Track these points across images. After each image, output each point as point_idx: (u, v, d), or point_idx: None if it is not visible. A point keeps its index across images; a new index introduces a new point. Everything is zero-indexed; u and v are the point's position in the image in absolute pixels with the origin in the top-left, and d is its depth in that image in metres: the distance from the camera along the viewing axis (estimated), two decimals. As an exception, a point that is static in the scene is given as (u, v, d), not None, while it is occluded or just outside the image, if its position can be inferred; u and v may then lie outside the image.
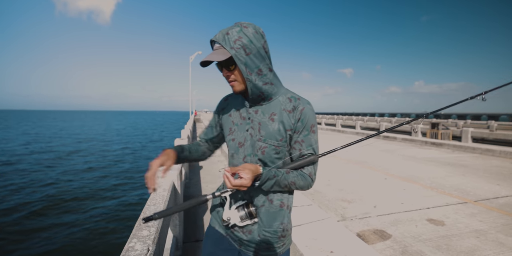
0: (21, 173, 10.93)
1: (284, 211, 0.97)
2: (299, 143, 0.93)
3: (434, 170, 5.90)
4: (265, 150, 0.92)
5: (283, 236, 0.97)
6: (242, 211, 0.92)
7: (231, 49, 0.82)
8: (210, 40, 0.89)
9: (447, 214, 3.28)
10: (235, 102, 1.02)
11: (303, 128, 0.92)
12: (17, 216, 6.49)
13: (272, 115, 0.92)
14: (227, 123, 1.02)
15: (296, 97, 0.94)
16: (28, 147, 18.81)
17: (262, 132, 0.92)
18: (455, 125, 22.76)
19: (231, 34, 0.83)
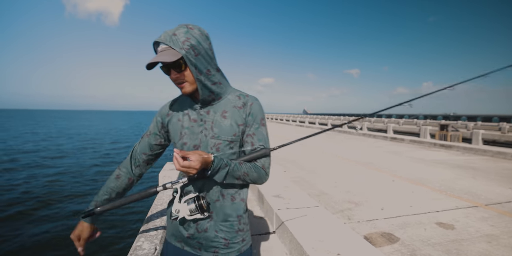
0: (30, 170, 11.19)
1: (239, 204, 0.97)
2: (250, 136, 0.96)
3: (443, 172, 5.78)
4: (219, 146, 0.93)
5: (241, 230, 0.97)
6: (192, 204, 0.89)
7: (181, 50, 0.82)
8: (153, 42, 0.87)
9: (457, 218, 3.21)
10: (182, 106, 1.00)
11: (254, 121, 0.95)
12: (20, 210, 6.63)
13: (223, 112, 0.94)
14: (175, 127, 0.98)
15: (244, 94, 0.98)
16: (39, 145, 19.24)
17: (215, 129, 0.93)
18: (465, 127, 22.31)
19: (178, 35, 0.83)
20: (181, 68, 0.86)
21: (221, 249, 0.94)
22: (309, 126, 23.03)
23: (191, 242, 0.96)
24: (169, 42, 0.83)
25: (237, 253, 0.95)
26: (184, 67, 0.86)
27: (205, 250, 0.95)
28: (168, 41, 0.83)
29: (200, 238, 0.94)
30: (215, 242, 0.94)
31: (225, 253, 0.94)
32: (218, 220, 0.94)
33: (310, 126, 22.56)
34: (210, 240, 0.93)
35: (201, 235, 0.94)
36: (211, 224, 0.94)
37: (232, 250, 0.95)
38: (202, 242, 0.94)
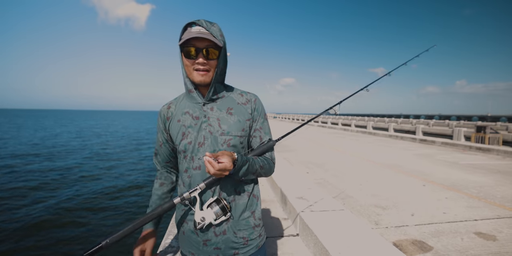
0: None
1: (252, 200, 0.99)
2: (258, 131, 0.99)
3: (482, 178, 5.33)
4: (230, 142, 0.93)
5: (257, 226, 0.98)
6: (215, 207, 0.87)
7: (220, 41, 0.87)
8: (187, 23, 0.87)
9: (499, 228, 2.93)
10: (182, 106, 0.98)
11: (259, 116, 1.00)
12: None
13: (229, 109, 0.96)
14: (177, 129, 0.96)
15: (246, 92, 1.03)
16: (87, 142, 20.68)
17: (224, 126, 0.93)
18: (506, 128, 20.47)
19: (216, 28, 0.88)
20: (213, 56, 0.87)
21: (241, 249, 0.93)
22: (331, 126, 22.48)
23: (207, 250, 0.91)
24: (210, 29, 0.86)
25: (255, 249, 0.96)
26: (214, 56, 0.88)
27: (224, 255, 0.91)
28: (208, 28, 0.86)
29: (218, 243, 0.90)
30: (235, 243, 0.92)
31: (245, 252, 0.93)
32: (236, 218, 0.93)
33: (333, 127, 22.00)
34: (230, 242, 0.91)
35: (219, 239, 0.90)
36: (229, 226, 0.91)
37: (251, 247, 0.95)
38: (220, 247, 0.90)
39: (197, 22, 0.85)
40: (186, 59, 0.88)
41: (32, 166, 11.81)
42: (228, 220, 0.91)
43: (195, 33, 0.83)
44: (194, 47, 0.85)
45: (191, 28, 0.86)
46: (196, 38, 0.83)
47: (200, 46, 0.85)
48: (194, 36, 0.82)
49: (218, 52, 0.88)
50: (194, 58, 0.86)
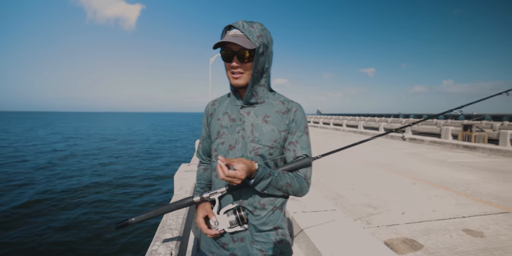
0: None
1: (278, 215, 0.92)
2: (293, 144, 0.92)
3: (469, 175, 5.47)
4: (258, 151, 0.89)
5: (278, 242, 0.90)
6: (232, 216, 0.85)
7: (255, 42, 0.83)
8: (227, 26, 0.87)
9: (487, 225, 3.00)
10: (223, 105, 1.00)
11: (297, 129, 0.92)
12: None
13: (265, 117, 0.92)
14: (215, 127, 0.97)
15: (288, 100, 0.96)
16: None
17: (256, 133, 0.89)
18: (491, 127, 21.11)
19: (255, 28, 0.85)
20: (245, 59, 0.85)
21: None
22: (323, 126, 22.67)
23: (225, 253, 0.91)
24: (246, 31, 0.83)
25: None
26: (248, 60, 0.85)
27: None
28: (244, 30, 0.83)
29: (235, 249, 0.89)
30: (251, 253, 0.88)
31: None
32: (254, 230, 0.89)
33: (324, 127, 22.18)
34: (247, 251, 0.89)
35: (236, 245, 0.89)
36: (247, 234, 0.89)
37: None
38: (237, 253, 0.89)
39: (235, 24, 0.85)
40: (225, 62, 0.89)
41: None
42: (246, 229, 0.89)
43: (229, 37, 0.84)
44: (229, 50, 0.85)
45: (229, 31, 0.86)
46: (229, 41, 0.83)
47: (234, 49, 0.85)
48: (224, 40, 0.83)
49: (253, 54, 0.85)
50: (229, 61, 0.87)
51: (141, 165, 13.44)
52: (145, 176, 11.14)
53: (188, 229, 1.70)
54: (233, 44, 0.83)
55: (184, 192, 2.07)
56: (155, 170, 12.43)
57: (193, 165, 2.55)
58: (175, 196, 2.05)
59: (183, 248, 1.41)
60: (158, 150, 19.74)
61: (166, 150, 19.98)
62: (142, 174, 11.48)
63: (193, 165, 2.54)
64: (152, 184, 9.96)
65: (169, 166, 13.27)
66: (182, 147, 22.21)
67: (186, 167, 2.46)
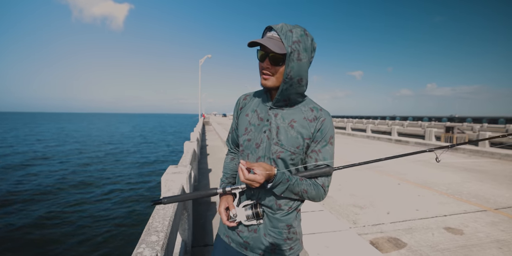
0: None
1: (292, 215, 0.97)
2: (316, 153, 0.92)
3: (450, 175, 5.68)
4: (280, 154, 0.91)
5: (289, 239, 0.96)
6: (249, 210, 0.92)
7: (288, 47, 0.82)
8: (267, 26, 0.88)
9: (466, 223, 3.13)
10: (254, 102, 1.02)
11: (322, 138, 0.92)
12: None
13: (292, 121, 0.92)
14: (243, 122, 1.01)
15: (318, 108, 0.95)
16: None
17: (280, 136, 0.91)
18: (471, 129, 22.01)
19: (294, 33, 0.83)
20: (278, 62, 0.85)
21: (267, 253, 0.95)
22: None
23: (238, 240, 0.98)
24: (282, 35, 0.83)
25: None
26: (280, 63, 0.85)
27: (251, 251, 0.96)
28: (282, 33, 0.83)
29: (248, 238, 0.96)
30: (263, 245, 0.95)
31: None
32: (268, 225, 0.95)
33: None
34: (258, 242, 0.95)
35: (250, 234, 0.96)
36: (261, 227, 0.96)
37: (278, 255, 0.95)
38: (249, 242, 0.96)
39: (275, 27, 0.85)
40: (259, 62, 0.90)
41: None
42: (261, 224, 0.96)
43: (264, 39, 0.85)
44: (263, 51, 0.87)
45: (269, 32, 0.87)
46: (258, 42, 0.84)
47: (267, 51, 0.85)
48: (255, 41, 0.83)
49: (283, 58, 0.84)
50: (261, 62, 0.89)
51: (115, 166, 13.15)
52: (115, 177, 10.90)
53: (175, 231, 1.68)
54: (263, 45, 0.84)
55: (171, 194, 2.05)
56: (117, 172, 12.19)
57: (180, 167, 2.53)
58: (162, 198, 2.02)
59: (170, 250, 1.40)
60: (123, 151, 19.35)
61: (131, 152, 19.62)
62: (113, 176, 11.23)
63: (181, 167, 2.52)
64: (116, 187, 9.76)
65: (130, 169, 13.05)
66: (150, 150, 21.81)
67: (173, 169, 2.43)
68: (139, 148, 21.24)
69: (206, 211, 3.43)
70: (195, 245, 2.53)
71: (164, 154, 18.79)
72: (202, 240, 2.65)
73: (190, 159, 3.63)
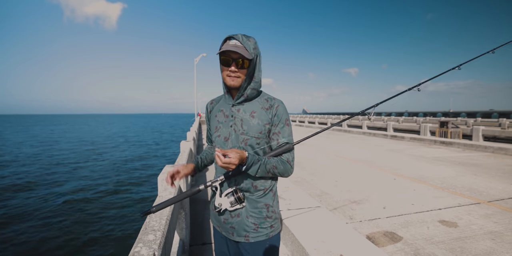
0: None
1: (268, 195, 1.10)
2: (276, 134, 1.09)
3: (445, 169, 5.76)
4: (247, 141, 1.07)
5: (269, 217, 1.09)
6: (231, 197, 1.04)
7: (252, 53, 1.02)
8: (228, 36, 1.03)
9: (460, 215, 3.18)
10: (219, 104, 1.18)
11: (279, 121, 1.09)
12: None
13: (252, 113, 1.08)
14: (213, 122, 1.17)
15: (271, 97, 1.13)
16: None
17: (245, 127, 1.07)
18: (465, 123, 22.27)
19: (251, 42, 1.03)
20: (243, 66, 1.02)
21: (251, 233, 1.06)
22: (308, 125, 23.01)
23: (226, 227, 1.10)
24: (244, 43, 1.01)
25: (265, 237, 1.07)
26: (244, 67, 1.03)
27: (238, 235, 1.07)
28: (244, 42, 1.02)
29: (233, 223, 1.07)
30: (246, 227, 1.06)
31: (254, 237, 1.06)
32: (249, 207, 1.07)
33: (310, 126, 22.53)
34: (242, 224, 1.06)
35: (234, 220, 1.07)
36: (243, 210, 1.07)
37: (261, 234, 1.06)
38: (235, 226, 1.07)
39: (235, 36, 1.02)
40: (223, 66, 1.05)
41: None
42: (244, 207, 1.07)
43: (231, 46, 1.00)
44: (229, 57, 1.02)
45: (229, 41, 1.02)
46: (231, 50, 0.99)
47: (233, 57, 1.01)
48: (229, 49, 0.98)
49: (249, 62, 1.03)
50: (228, 66, 1.03)
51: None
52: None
53: (172, 230, 1.69)
54: (233, 52, 0.99)
55: (168, 193, 2.05)
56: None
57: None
58: (158, 198, 2.02)
59: (167, 249, 1.40)
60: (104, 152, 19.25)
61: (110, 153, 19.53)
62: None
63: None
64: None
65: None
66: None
67: (169, 168, 2.43)
68: (133, 148, 21.11)
69: (203, 209, 3.44)
70: (193, 244, 2.54)
71: (160, 153, 18.71)
72: (200, 238, 2.66)
73: (187, 158, 3.63)
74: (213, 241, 1.23)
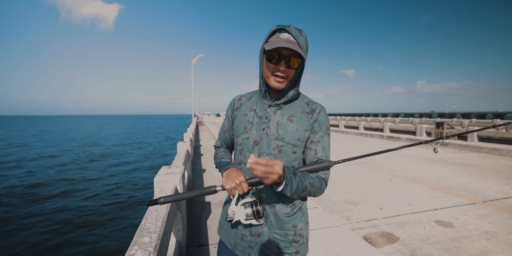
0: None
1: (297, 214, 0.95)
2: (315, 143, 0.94)
3: (440, 170, 5.81)
4: (282, 148, 0.92)
5: (295, 241, 0.93)
6: (248, 209, 0.87)
7: (305, 51, 0.86)
8: (278, 27, 0.87)
9: (456, 216, 3.20)
10: (251, 102, 1.03)
11: (320, 129, 0.94)
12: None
13: (290, 116, 0.95)
14: (242, 121, 1.00)
15: (313, 101, 0.99)
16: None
17: (280, 131, 0.92)
18: (460, 124, 22.49)
19: (303, 37, 0.87)
20: (294, 65, 0.87)
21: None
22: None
23: (243, 245, 0.94)
24: (298, 39, 0.84)
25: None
26: (295, 66, 0.87)
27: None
28: (297, 37, 0.84)
29: (252, 243, 0.92)
30: (267, 250, 0.91)
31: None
32: (272, 227, 0.91)
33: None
34: (263, 247, 0.91)
35: (254, 239, 0.92)
36: (265, 230, 0.92)
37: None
38: (253, 246, 0.92)
39: (287, 28, 0.85)
40: (268, 62, 0.88)
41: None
42: (264, 224, 0.91)
43: (283, 41, 0.83)
44: (279, 54, 0.85)
45: (280, 33, 0.86)
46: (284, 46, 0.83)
47: (284, 54, 0.85)
48: (282, 45, 0.81)
49: (300, 61, 0.87)
50: (276, 64, 0.87)
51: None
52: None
53: (169, 232, 1.67)
54: (286, 48, 0.83)
55: (164, 195, 2.03)
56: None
57: (173, 168, 2.51)
58: (155, 200, 2.00)
59: (163, 251, 1.39)
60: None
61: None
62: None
63: (174, 168, 2.50)
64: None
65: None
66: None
67: (166, 170, 2.42)
68: (129, 150, 20.98)
69: (200, 211, 3.42)
70: (190, 246, 2.52)
71: (156, 155, 18.61)
72: (197, 240, 2.64)
73: (184, 159, 3.61)
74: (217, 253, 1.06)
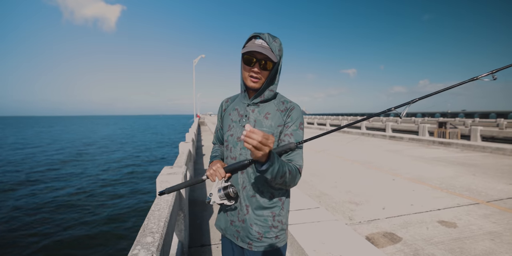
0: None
1: (276, 203, 1.04)
2: (288, 136, 1.02)
3: (443, 170, 5.77)
4: None
5: (274, 227, 1.03)
6: (221, 192, 0.99)
7: (277, 55, 0.98)
8: (253, 35, 0.99)
9: (459, 216, 3.18)
10: (234, 103, 1.15)
11: (293, 124, 1.03)
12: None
13: (266, 114, 1.05)
14: (227, 121, 1.14)
15: (288, 100, 1.09)
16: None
17: (257, 127, 1.03)
18: (463, 123, 22.35)
19: (276, 43, 0.99)
20: (267, 67, 0.99)
21: (255, 242, 1.01)
22: (307, 126, 23.02)
23: (232, 229, 1.06)
24: (271, 44, 0.97)
25: (269, 248, 1.01)
26: (268, 68, 0.99)
27: (242, 241, 1.04)
28: (270, 43, 0.97)
29: (239, 227, 1.04)
30: (250, 235, 1.01)
31: (258, 246, 1.01)
32: (253, 214, 1.02)
33: (308, 127, 22.54)
34: (246, 231, 1.02)
35: (239, 224, 1.04)
36: (247, 217, 1.02)
37: (264, 244, 1.01)
38: (240, 231, 1.04)
39: (261, 35, 0.98)
40: (245, 65, 1.00)
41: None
42: (247, 212, 1.02)
43: (257, 46, 0.95)
44: (253, 57, 0.97)
45: (255, 39, 0.98)
46: (257, 50, 0.94)
47: (258, 57, 0.97)
48: (254, 49, 0.94)
49: (273, 64, 0.99)
50: (251, 66, 0.99)
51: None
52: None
53: (171, 232, 1.68)
54: (258, 52, 0.95)
55: (166, 195, 2.04)
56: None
57: (176, 168, 2.52)
58: (157, 199, 2.01)
59: (166, 251, 1.39)
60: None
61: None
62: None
63: (176, 168, 2.51)
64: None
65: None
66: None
67: (168, 170, 2.42)
68: (130, 150, 21.06)
69: (202, 211, 3.42)
70: (192, 246, 2.52)
71: (158, 155, 18.66)
72: (199, 240, 2.64)
73: (186, 159, 3.62)
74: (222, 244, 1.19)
